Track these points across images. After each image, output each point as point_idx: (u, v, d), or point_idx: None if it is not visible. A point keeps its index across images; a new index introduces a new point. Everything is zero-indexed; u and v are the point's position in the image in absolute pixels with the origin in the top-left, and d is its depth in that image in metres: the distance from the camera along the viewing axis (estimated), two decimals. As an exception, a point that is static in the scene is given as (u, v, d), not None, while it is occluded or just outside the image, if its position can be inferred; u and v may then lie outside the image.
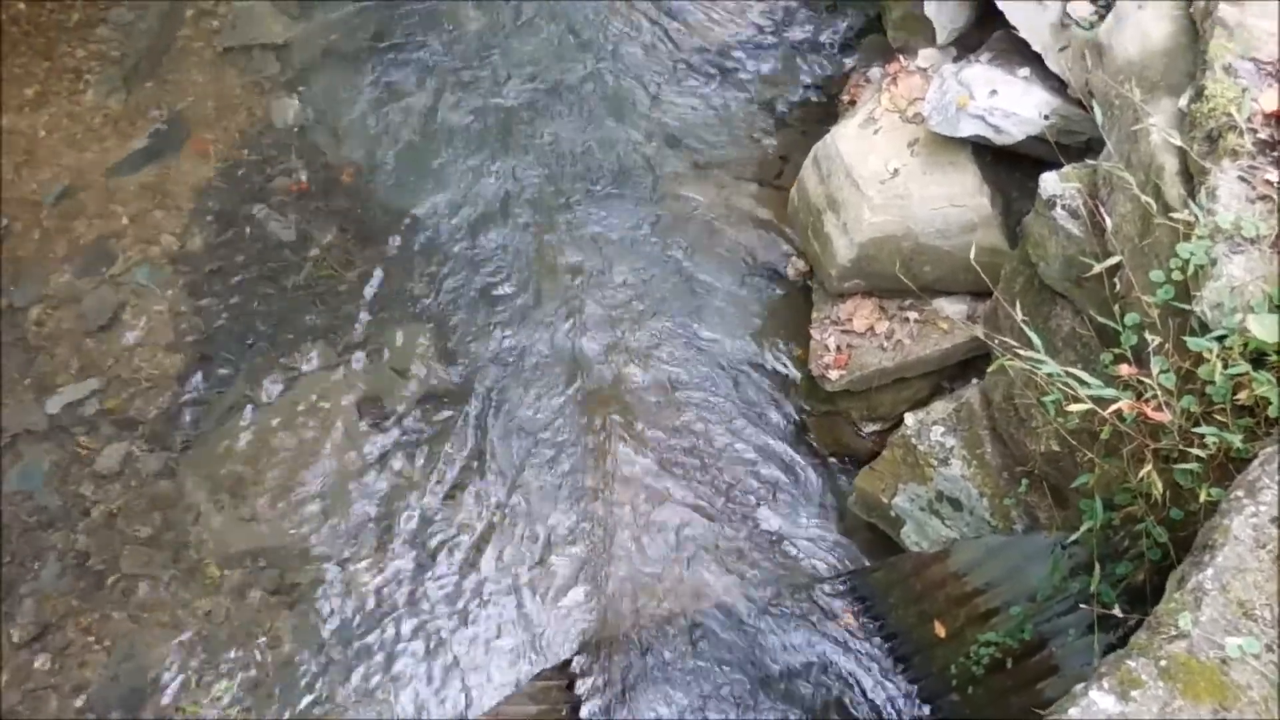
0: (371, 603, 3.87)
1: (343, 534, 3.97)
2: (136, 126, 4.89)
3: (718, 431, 4.21)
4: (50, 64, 5.05)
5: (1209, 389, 2.32)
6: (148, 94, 5.01)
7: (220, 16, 5.29)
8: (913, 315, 3.96)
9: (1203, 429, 2.30)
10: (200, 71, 5.10)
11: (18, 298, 4.40)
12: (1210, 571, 1.97)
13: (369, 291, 4.50)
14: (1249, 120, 2.52)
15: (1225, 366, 2.28)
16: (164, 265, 4.51)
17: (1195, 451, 2.30)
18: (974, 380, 3.75)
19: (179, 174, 4.77)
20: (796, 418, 4.25)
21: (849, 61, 5.01)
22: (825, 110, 4.91)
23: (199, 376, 4.26)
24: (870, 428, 4.10)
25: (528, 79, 5.13)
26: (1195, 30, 2.89)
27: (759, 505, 4.07)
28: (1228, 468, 2.33)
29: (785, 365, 4.35)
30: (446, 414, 4.23)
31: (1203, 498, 2.30)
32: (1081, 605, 2.75)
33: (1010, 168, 3.81)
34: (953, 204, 3.76)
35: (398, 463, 4.12)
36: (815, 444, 4.21)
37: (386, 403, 4.23)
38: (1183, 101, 2.73)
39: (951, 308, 3.93)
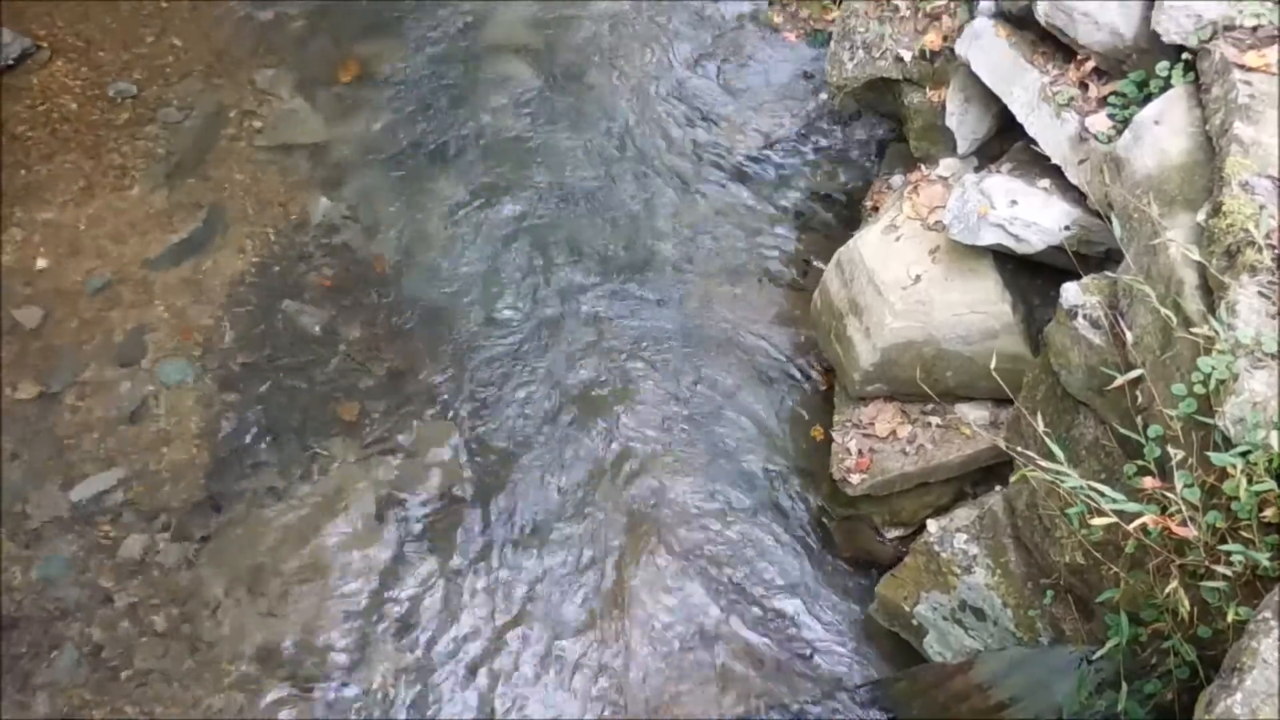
0: (386, 702, 3.81)
1: (358, 630, 3.94)
2: (177, 221, 5.04)
3: (738, 534, 4.18)
4: (97, 161, 5.24)
5: (1234, 505, 2.29)
6: (189, 190, 5.17)
7: (262, 117, 5.49)
8: (935, 420, 3.95)
9: (1229, 546, 2.27)
10: (241, 169, 5.27)
11: (52, 386, 4.48)
12: (1239, 696, 1.92)
13: (395, 387, 4.55)
14: (1267, 236, 2.54)
15: (1250, 483, 2.25)
16: (195, 357, 4.59)
17: (1221, 570, 2.26)
18: (997, 487, 3.72)
19: (215, 268, 4.89)
20: (818, 522, 4.22)
21: (872, 169, 5.11)
22: (848, 215, 5.00)
23: (224, 468, 4.30)
24: (892, 533, 4.06)
25: (557, 180, 5.27)
26: (1211, 147, 2.93)
27: (779, 612, 4.01)
28: (1256, 586, 2.29)
29: (806, 468, 4.34)
30: (467, 512, 4.23)
31: (1230, 617, 2.25)
32: (1109, 726, 2.68)
33: (1031, 275, 3.84)
34: (974, 311, 3.78)
35: (417, 559, 4.10)
36: (837, 549, 4.16)
37: (409, 499, 4.24)
38: (1200, 216, 2.76)
39: (973, 413, 3.91)
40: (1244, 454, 2.29)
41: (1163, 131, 3.06)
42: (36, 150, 5.23)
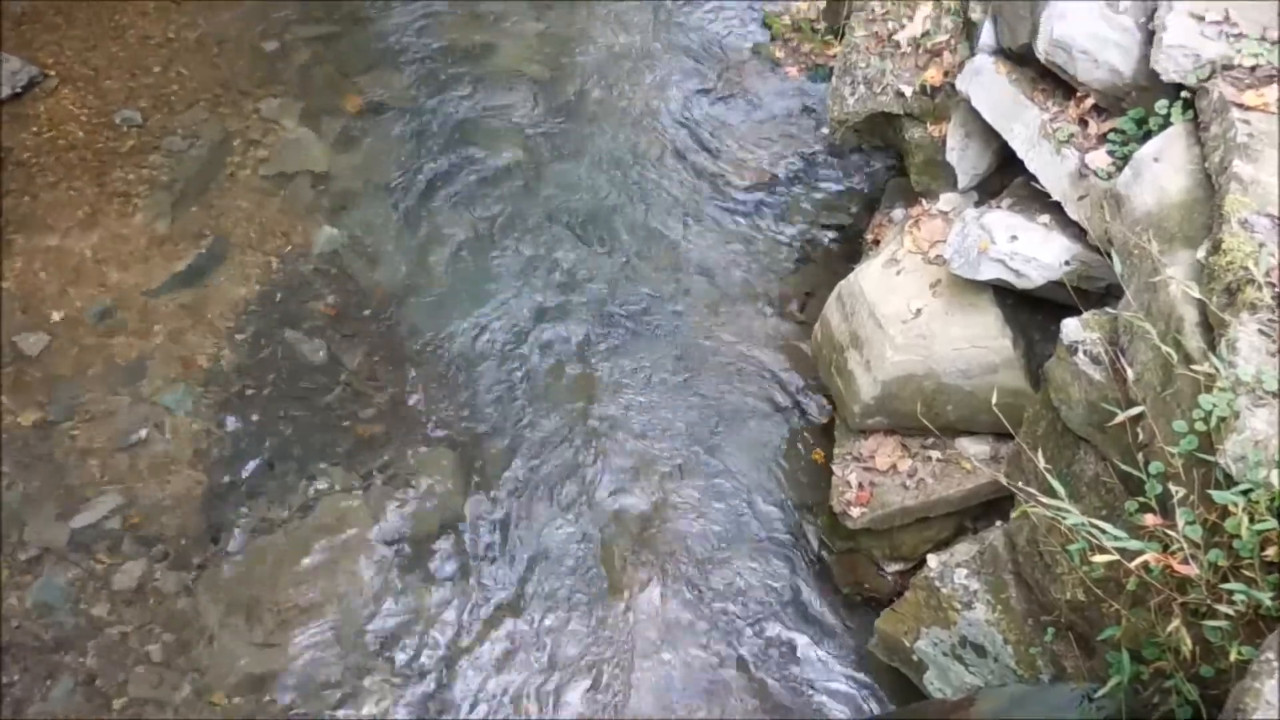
0: (381, 734, 3.79)
1: (353, 663, 3.91)
2: (180, 249, 5.05)
3: (738, 568, 4.16)
4: (101, 188, 5.27)
5: (1236, 543, 2.28)
6: (193, 218, 5.19)
7: (268, 146, 5.52)
8: (935, 454, 3.94)
9: (1231, 585, 2.26)
10: (245, 197, 5.29)
11: (52, 413, 4.48)
12: (1242, 737, 1.91)
13: (395, 416, 4.55)
14: (1267, 274, 2.55)
15: (1252, 521, 2.25)
16: (196, 385, 4.59)
17: (1224, 609, 2.25)
18: (998, 522, 3.71)
19: (217, 296, 4.90)
20: (817, 555, 4.21)
21: (873, 202, 5.14)
22: (849, 249, 5.02)
23: (223, 496, 4.29)
24: (892, 567, 4.05)
25: (560, 211, 5.29)
26: (1211, 184, 2.95)
27: (779, 645, 3.99)
28: (1259, 626, 2.28)
29: (806, 502, 4.33)
30: (465, 543, 4.21)
31: (1233, 656, 2.24)
32: (1111, 766, 2.65)
33: (1032, 310, 3.85)
34: (974, 345, 3.79)
35: (413, 591, 4.08)
36: (836, 583, 4.14)
37: (406, 529, 4.23)
38: (1200, 254, 2.77)
39: (974, 448, 3.91)
40: (1245, 492, 2.28)
41: (1162, 169, 3.08)
42: (41, 177, 5.25)
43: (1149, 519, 2.48)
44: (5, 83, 5.53)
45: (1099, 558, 2.45)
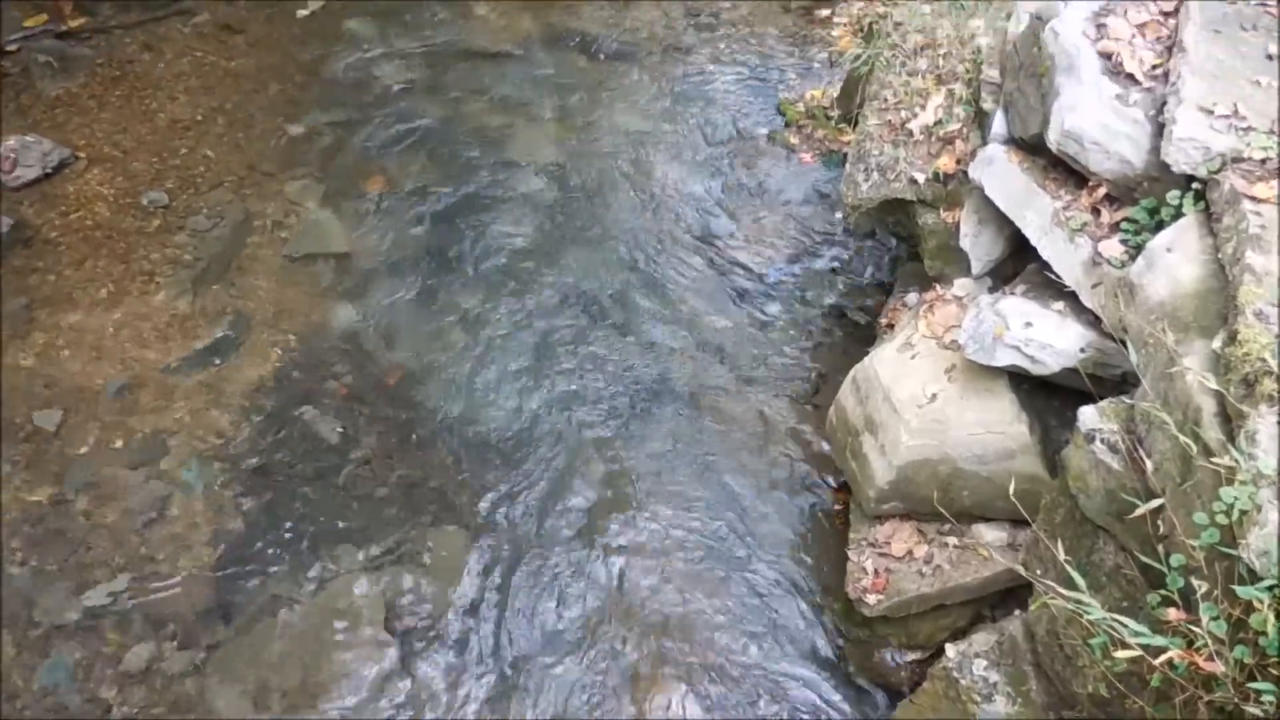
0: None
1: (363, 748, 3.86)
2: (200, 327, 5.12)
3: (750, 655, 4.09)
4: (126, 266, 5.36)
5: (1262, 640, 2.24)
6: (214, 297, 5.26)
7: (289, 227, 5.62)
8: (952, 540, 3.90)
9: (1258, 684, 2.21)
10: (266, 277, 5.37)
11: (68, 488, 4.49)
12: (1275, 845, 1.85)
13: (408, 497, 4.54)
14: (1284, 366, 2.55)
15: (1277, 618, 2.21)
16: (211, 462, 4.60)
17: (1251, 709, 2.20)
18: (1017, 611, 3.65)
19: (236, 374, 4.94)
20: (832, 643, 4.14)
21: (887, 287, 5.17)
22: (864, 333, 5.03)
23: (235, 575, 4.26)
24: (909, 656, 3.97)
25: (576, 293, 5.34)
26: (1224, 274, 2.95)
27: (794, 737, 3.91)
28: (1288, 726, 2.22)
29: (821, 587, 4.27)
30: (477, 625, 4.16)
31: (1263, 759, 2.18)
32: None
33: (1048, 396, 3.84)
34: (990, 431, 3.77)
35: (425, 672, 4.03)
36: (852, 671, 4.07)
37: (418, 610, 4.18)
38: (1216, 344, 2.76)
39: (990, 534, 3.87)
40: (1270, 588, 2.24)
41: (1175, 259, 3.09)
42: (68, 255, 5.35)
43: (1172, 613, 2.44)
44: (37, 163, 5.68)
45: (1121, 653, 2.40)
